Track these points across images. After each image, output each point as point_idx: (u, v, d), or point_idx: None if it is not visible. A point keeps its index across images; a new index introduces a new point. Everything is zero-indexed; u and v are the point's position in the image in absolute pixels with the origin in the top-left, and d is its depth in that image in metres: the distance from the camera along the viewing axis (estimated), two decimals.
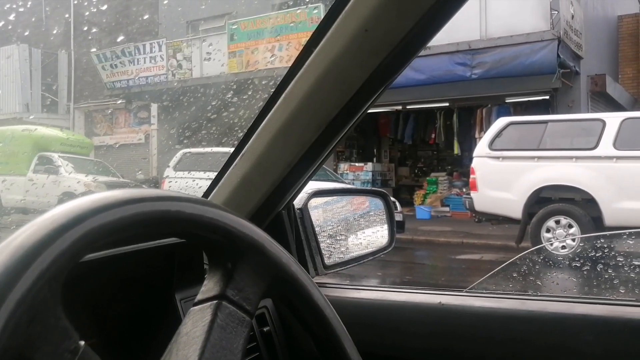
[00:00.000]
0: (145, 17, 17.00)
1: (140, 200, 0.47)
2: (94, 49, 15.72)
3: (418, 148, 15.08)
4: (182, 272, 0.82)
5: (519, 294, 0.88)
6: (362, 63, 0.72)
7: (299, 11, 12.82)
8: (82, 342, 0.42)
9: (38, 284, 0.39)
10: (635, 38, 14.41)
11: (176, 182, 9.85)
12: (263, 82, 10.84)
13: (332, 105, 0.77)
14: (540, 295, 0.87)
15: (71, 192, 11.81)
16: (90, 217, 0.43)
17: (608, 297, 0.83)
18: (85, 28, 17.96)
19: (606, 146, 6.99)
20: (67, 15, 18.70)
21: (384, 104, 11.58)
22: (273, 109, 0.81)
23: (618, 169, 6.92)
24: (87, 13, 18.20)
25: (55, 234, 0.41)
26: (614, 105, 12.19)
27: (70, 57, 19.25)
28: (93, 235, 0.43)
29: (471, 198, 7.96)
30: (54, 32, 18.79)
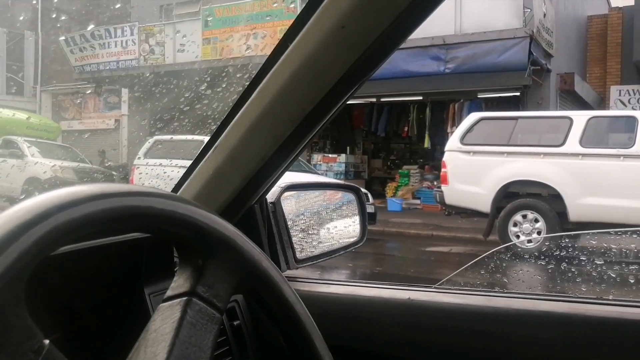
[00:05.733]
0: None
1: (109, 196, 0.46)
2: (62, 37, 15.18)
3: (391, 141, 15.19)
4: (151, 265, 0.80)
5: (486, 291, 0.89)
6: (338, 59, 0.72)
7: None
8: (47, 341, 0.41)
9: (0, 282, 0.38)
10: (603, 38, 14.75)
11: (145, 169, 9.69)
12: (238, 75, 10.70)
13: (307, 101, 0.77)
14: (506, 292, 0.89)
15: (37, 177, 11.49)
16: (56, 213, 0.42)
17: (570, 295, 0.85)
18: (54, 9, 17.40)
19: (573, 143, 7.17)
20: None
21: (358, 96, 11.60)
22: (247, 103, 0.80)
23: (583, 166, 7.11)
24: None
25: (19, 231, 0.40)
26: (581, 104, 12.50)
27: (38, 38, 18.65)
28: (59, 232, 0.42)
29: (442, 191, 8.08)
30: (20, 11, 18.15)
